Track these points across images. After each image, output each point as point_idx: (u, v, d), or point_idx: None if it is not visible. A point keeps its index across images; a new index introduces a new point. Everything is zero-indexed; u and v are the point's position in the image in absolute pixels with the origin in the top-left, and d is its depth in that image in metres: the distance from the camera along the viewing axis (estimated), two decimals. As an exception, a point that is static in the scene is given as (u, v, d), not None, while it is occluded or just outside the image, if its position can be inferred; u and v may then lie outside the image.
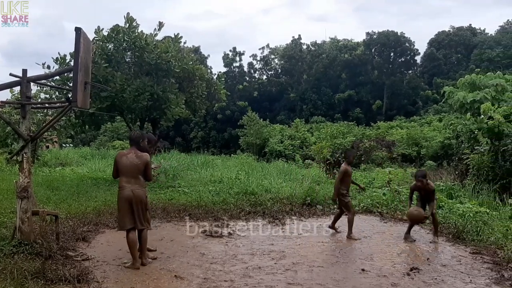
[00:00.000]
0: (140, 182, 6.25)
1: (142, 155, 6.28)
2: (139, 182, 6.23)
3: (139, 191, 6.18)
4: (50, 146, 29.89)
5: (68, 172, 18.35)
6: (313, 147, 28.81)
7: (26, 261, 5.76)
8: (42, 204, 9.59)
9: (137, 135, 6.57)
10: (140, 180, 6.25)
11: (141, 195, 6.21)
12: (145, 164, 6.22)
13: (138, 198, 6.15)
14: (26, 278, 5.15)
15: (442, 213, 10.20)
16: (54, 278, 5.32)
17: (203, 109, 17.55)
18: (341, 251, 7.27)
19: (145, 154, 6.37)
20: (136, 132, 6.68)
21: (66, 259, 6.23)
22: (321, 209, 11.04)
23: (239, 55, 72.42)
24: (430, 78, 65.92)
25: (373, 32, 68.66)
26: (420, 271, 6.16)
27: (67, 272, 5.50)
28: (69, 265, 5.94)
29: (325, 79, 66.39)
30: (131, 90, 12.77)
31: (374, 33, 68.45)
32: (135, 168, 6.18)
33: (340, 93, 64.33)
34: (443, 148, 27.16)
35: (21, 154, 6.68)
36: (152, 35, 13.82)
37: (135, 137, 6.50)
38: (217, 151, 50.04)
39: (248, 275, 5.91)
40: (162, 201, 11.07)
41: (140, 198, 6.19)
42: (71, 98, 6.33)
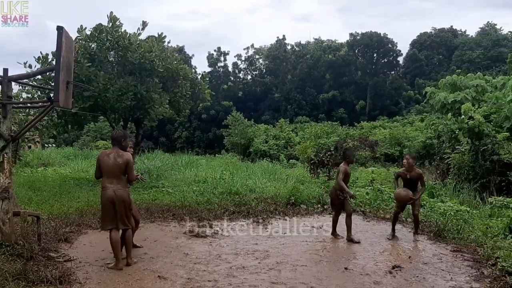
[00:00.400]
0: (123, 182, 6.22)
1: (124, 154, 6.25)
2: (122, 182, 6.20)
3: (121, 191, 6.15)
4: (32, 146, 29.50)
5: (51, 172, 18.11)
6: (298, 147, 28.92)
7: (7, 263, 5.70)
8: (24, 205, 9.48)
9: (119, 134, 6.52)
10: (122, 180, 6.22)
11: (124, 195, 6.18)
12: (126, 163, 6.18)
13: (121, 198, 6.13)
14: (7, 279, 5.08)
15: (424, 211, 10.36)
16: (36, 279, 5.27)
17: (187, 109, 17.46)
18: (324, 250, 7.33)
19: (127, 153, 6.33)
20: (118, 131, 6.61)
21: (48, 260, 6.17)
22: (305, 209, 11.10)
23: (224, 55, 72.39)
24: (412, 78, 66.68)
25: (357, 33, 69.26)
26: (402, 269, 6.26)
27: (49, 273, 5.44)
28: (51, 267, 5.88)
29: (309, 79, 66.67)
30: (114, 89, 12.66)
31: (357, 34, 69.02)
32: (117, 168, 6.15)
33: (324, 94, 64.68)
34: (425, 147, 27.53)
35: (2, 154, 6.59)
36: (135, 34, 13.72)
37: (116, 136, 6.45)
38: (202, 151, 49.88)
39: (232, 275, 5.92)
40: (146, 202, 11.01)
41: (123, 198, 6.16)
42: (53, 97, 6.26)
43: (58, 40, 6.10)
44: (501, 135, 13.59)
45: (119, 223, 6.18)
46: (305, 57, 69.51)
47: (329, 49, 70.58)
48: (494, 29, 70.00)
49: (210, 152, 46.82)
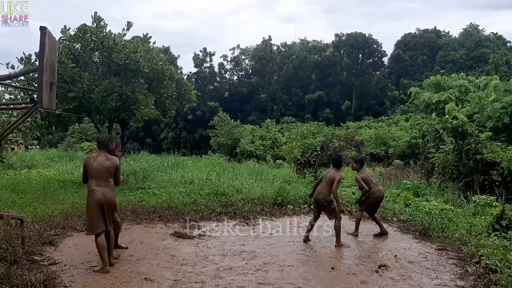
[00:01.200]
0: (111, 185, 6.24)
1: (112, 158, 6.29)
2: (110, 185, 6.22)
3: (110, 194, 6.17)
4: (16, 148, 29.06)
5: (35, 174, 17.88)
6: (284, 147, 29.03)
7: (-11, 267, 5.61)
8: (7, 208, 9.34)
9: (106, 138, 6.52)
10: (110, 183, 6.23)
11: (112, 198, 6.22)
12: (116, 167, 6.24)
13: (109, 201, 6.15)
14: (-11, 284, 5.00)
15: (409, 211, 10.45)
16: (20, 283, 5.18)
17: (173, 109, 17.38)
18: (311, 250, 7.35)
19: (115, 158, 6.38)
20: (104, 135, 6.63)
21: (32, 264, 6.09)
22: (292, 209, 11.10)
23: (210, 55, 72.34)
24: (397, 79, 67.37)
25: (342, 34, 69.77)
26: (388, 268, 6.30)
27: (33, 277, 5.34)
28: (35, 270, 5.78)
29: (295, 79, 66.91)
30: (99, 90, 12.55)
31: (342, 35, 69.52)
32: (106, 171, 6.16)
33: (310, 94, 64.97)
34: (410, 147, 27.77)
35: (-16, 157, 6.49)
36: (120, 35, 13.60)
37: (103, 140, 6.45)
38: (188, 152, 49.72)
39: (219, 276, 5.91)
40: (132, 203, 10.92)
41: (111, 201, 6.20)
42: (36, 98, 6.19)
43: (41, 41, 6.02)
44: (484, 135, 13.79)
45: (108, 225, 6.19)
46: (291, 57, 69.75)
47: (314, 50, 70.94)
48: (476, 30, 71.08)
49: (196, 153, 46.72)
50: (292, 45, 75.74)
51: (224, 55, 75.06)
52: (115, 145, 6.89)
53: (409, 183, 14.15)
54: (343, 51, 69.67)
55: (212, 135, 42.07)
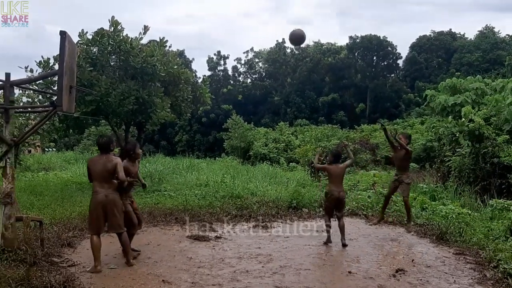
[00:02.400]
0: (114, 187, 6.30)
1: (113, 159, 6.35)
2: (113, 186, 6.29)
3: (112, 195, 6.27)
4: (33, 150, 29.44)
5: (52, 176, 18.11)
6: (298, 150, 28.95)
7: (10, 269, 5.69)
8: (26, 210, 9.45)
9: (105, 140, 6.51)
10: (113, 185, 6.30)
11: (115, 199, 6.30)
12: (115, 166, 6.26)
13: (112, 202, 6.24)
14: (10, 286, 5.07)
15: (425, 214, 10.37)
16: (40, 285, 5.24)
17: (188, 112, 17.49)
18: (327, 254, 7.34)
19: (116, 158, 6.44)
20: (103, 138, 6.55)
21: (51, 266, 6.16)
22: (307, 212, 11.10)
23: (224, 58, 72.42)
24: (412, 81, 66.75)
25: (356, 36, 69.32)
26: (406, 273, 6.26)
27: (53, 279, 5.42)
28: (55, 272, 5.86)
29: (309, 82, 66.72)
30: (116, 94, 12.68)
31: (357, 37, 69.11)
32: (107, 173, 6.25)
33: (324, 96, 64.69)
34: (425, 150, 27.49)
35: (4, 159, 6.60)
36: (137, 38, 13.75)
37: (103, 142, 6.46)
38: (202, 155, 49.90)
39: (236, 279, 5.93)
40: (148, 205, 11.01)
41: (114, 202, 6.27)
42: (56, 102, 6.29)
43: (61, 45, 6.12)
44: (501, 138, 13.61)
45: (111, 228, 6.35)
46: (304, 60, 69.55)
47: (328, 52, 70.64)
48: (492, 32, 70.09)
49: (210, 155, 46.83)
50: (306, 48, 75.45)
51: (237, 58, 75.15)
52: (135, 145, 7.07)
53: (425, 186, 14.02)
54: (357, 54, 69.30)
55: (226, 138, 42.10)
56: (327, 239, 8.00)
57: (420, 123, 41.16)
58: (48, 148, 36.24)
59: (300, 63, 69.15)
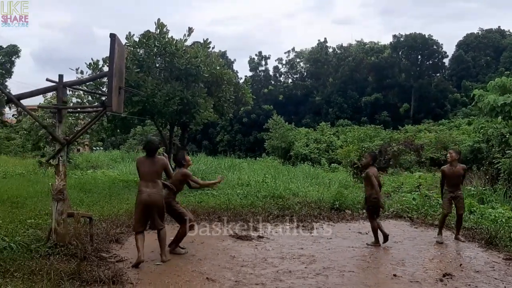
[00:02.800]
0: (158, 187, 6.52)
1: (159, 159, 6.61)
2: (157, 186, 6.51)
3: (155, 195, 6.46)
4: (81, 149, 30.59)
5: (100, 174, 18.72)
6: (339, 151, 28.63)
7: (61, 262, 5.93)
8: (76, 206, 9.80)
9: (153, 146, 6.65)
10: (158, 185, 6.52)
11: (158, 200, 6.49)
12: (164, 167, 6.58)
13: (154, 203, 6.46)
14: (62, 279, 5.25)
15: (474, 218, 10.05)
16: (90, 279, 5.42)
17: (230, 113, 17.68)
18: (372, 256, 7.23)
19: (161, 158, 6.71)
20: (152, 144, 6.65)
21: (100, 261, 6.35)
22: (350, 214, 10.98)
23: (265, 59, 72.50)
24: (458, 81, 64.59)
25: (400, 35, 67.78)
26: (453, 277, 6.08)
27: (102, 273, 5.59)
28: (104, 267, 6.05)
29: (351, 82, 65.81)
30: (161, 94, 12.98)
31: (401, 36, 67.56)
32: (154, 173, 6.48)
33: (367, 96, 63.63)
34: (472, 152, 26.48)
35: (57, 158, 6.87)
36: (182, 40, 14.02)
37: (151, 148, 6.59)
38: (243, 154, 50.22)
39: (279, 279, 5.93)
40: (192, 204, 11.20)
41: (156, 203, 6.48)
42: (106, 102, 6.49)
43: (111, 47, 6.32)
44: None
45: (152, 227, 6.64)
46: (347, 59, 68.66)
47: (371, 51, 69.42)
48: (544, 29, 66.84)
49: (251, 155, 47.05)
50: (348, 47, 74.48)
51: (279, 58, 75.05)
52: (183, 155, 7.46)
53: (473, 189, 13.57)
54: (401, 52, 67.72)
55: (267, 138, 42.20)
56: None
57: (467, 123, 39.73)
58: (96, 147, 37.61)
59: (342, 62, 68.31)
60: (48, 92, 9.51)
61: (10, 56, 51.13)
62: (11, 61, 51.47)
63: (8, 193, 11.61)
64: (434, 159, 29.31)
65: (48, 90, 7.46)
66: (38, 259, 6.00)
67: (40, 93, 7.62)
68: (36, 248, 6.44)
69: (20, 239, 6.73)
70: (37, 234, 7.26)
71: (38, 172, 18.58)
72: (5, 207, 9.88)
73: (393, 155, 20.84)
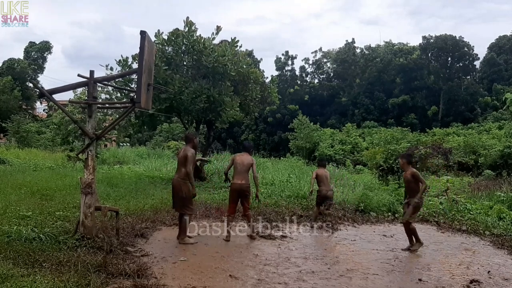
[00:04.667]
0: (181, 174, 7.43)
1: (185, 149, 7.55)
2: (181, 174, 7.45)
3: (176, 180, 7.50)
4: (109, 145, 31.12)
5: (126, 170, 19.00)
6: (365, 153, 28.29)
7: (88, 255, 6.03)
8: (102, 200, 9.94)
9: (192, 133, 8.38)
10: (181, 172, 7.44)
11: (177, 184, 7.46)
12: (185, 157, 7.39)
13: (177, 187, 7.45)
14: (88, 271, 5.35)
15: (503, 224, 9.81)
16: (115, 272, 5.50)
17: (256, 112, 17.70)
18: (396, 260, 7.12)
19: (188, 149, 7.53)
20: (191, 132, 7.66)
21: (126, 254, 6.45)
22: (375, 216, 10.86)
23: (291, 58, 72.27)
24: (489, 84, 63.03)
25: (430, 36, 66.52)
26: (481, 284, 5.94)
27: (127, 267, 5.67)
28: (129, 260, 6.13)
29: (378, 83, 64.99)
30: (188, 92, 13.08)
31: (431, 37, 66.32)
32: (179, 161, 7.56)
33: (394, 98, 62.73)
34: (502, 157, 25.86)
35: (87, 152, 7.00)
36: (209, 39, 14.11)
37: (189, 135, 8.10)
38: (267, 154, 50.13)
39: (301, 279, 5.91)
40: (216, 201, 11.27)
41: (177, 187, 7.44)
42: (135, 99, 6.58)
43: (141, 44, 6.39)
44: None
45: (174, 206, 7.68)
46: (374, 60, 67.84)
47: (400, 53, 68.40)
48: None
49: (275, 155, 46.97)
50: (376, 48, 73.58)
51: (305, 58, 74.66)
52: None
53: (503, 195, 13.22)
54: (430, 54, 66.48)
55: (291, 138, 42.11)
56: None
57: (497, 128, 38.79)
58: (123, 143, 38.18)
59: (370, 63, 67.55)
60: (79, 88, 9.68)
61: (42, 52, 52.39)
62: (43, 57, 52.74)
63: (38, 185, 11.89)
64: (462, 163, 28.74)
65: (79, 85, 7.61)
66: (65, 251, 6.13)
67: (72, 88, 7.77)
68: (64, 239, 6.57)
69: (49, 231, 6.86)
70: (65, 226, 7.41)
71: (67, 165, 18.99)
72: (35, 199, 10.13)
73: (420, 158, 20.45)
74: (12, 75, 43.10)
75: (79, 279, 5.02)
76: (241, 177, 8.13)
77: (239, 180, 8.12)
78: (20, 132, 32.45)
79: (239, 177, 8.13)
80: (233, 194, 8.19)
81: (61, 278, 4.99)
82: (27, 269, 5.26)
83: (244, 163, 8.15)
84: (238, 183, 8.11)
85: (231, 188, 8.25)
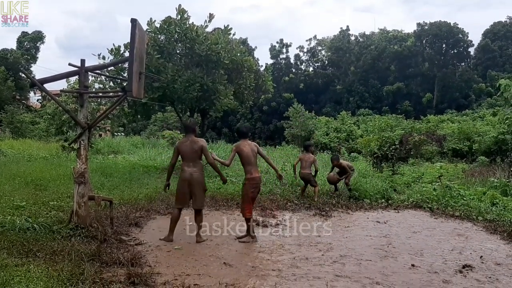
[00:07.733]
0: (199, 166, 6.93)
1: (198, 140, 6.98)
2: (198, 166, 6.92)
3: (197, 174, 6.84)
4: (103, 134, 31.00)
5: (120, 159, 18.93)
6: (360, 140, 28.34)
7: (82, 244, 6.05)
8: (96, 190, 9.96)
9: (193, 123, 7.47)
10: (198, 164, 6.93)
11: (199, 177, 6.91)
12: (201, 148, 6.89)
13: (197, 181, 6.87)
14: (82, 260, 5.35)
15: (496, 210, 9.87)
16: (109, 261, 5.51)
17: (250, 100, 17.62)
18: (389, 246, 7.16)
19: (201, 140, 7.07)
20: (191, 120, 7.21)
21: (120, 243, 6.47)
22: (368, 203, 10.92)
23: (286, 46, 72.02)
24: (484, 70, 63.12)
25: (425, 23, 66.47)
26: (473, 269, 5.99)
27: (121, 255, 5.69)
28: (123, 249, 6.15)
29: (373, 71, 64.99)
30: (182, 81, 13.01)
31: (425, 24, 66.24)
32: (194, 153, 6.88)
33: (389, 86, 62.79)
34: (496, 143, 25.94)
35: (79, 141, 6.97)
36: (202, 26, 14.00)
37: (189, 124, 7.30)
38: (263, 143, 50.13)
39: (295, 266, 5.94)
40: (211, 190, 11.25)
41: (198, 180, 6.89)
42: (126, 87, 6.54)
43: (132, 32, 6.33)
44: None
45: (195, 204, 6.93)
46: (369, 48, 67.75)
47: (394, 40, 68.33)
48: None
49: (270, 143, 46.96)
50: (371, 35, 73.43)
51: (300, 46, 74.51)
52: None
53: (496, 181, 13.30)
54: (425, 41, 66.43)
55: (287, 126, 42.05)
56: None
57: (491, 114, 38.83)
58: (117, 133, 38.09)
59: (365, 51, 67.46)
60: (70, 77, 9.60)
61: (35, 42, 51.89)
62: (36, 46, 52.23)
63: (32, 175, 11.85)
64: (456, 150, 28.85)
65: (70, 74, 7.54)
66: (59, 240, 6.13)
67: (63, 77, 7.71)
68: (58, 229, 6.57)
69: (43, 221, 6.86)
70: (59, 216, 7.41)
71: (61, 156, 18.90)
72: (29, 189, 10.10)
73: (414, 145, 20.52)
74: (5, 65, 42.74)
75: (73, 268, 5.01)
76: (256, 169, 7.24)
77: (256, 172, 7.20)
78: (14, 122, 32.30)
79: (255, 169, 7.20)
80: (254, 190, 7.18)
81: (55, 267, 4.99)
82: (21, 259, 5.26)
83: (254, 151, 7.22)
84: (258, 176, 7.23)
85: (250, 183, 7.12)
